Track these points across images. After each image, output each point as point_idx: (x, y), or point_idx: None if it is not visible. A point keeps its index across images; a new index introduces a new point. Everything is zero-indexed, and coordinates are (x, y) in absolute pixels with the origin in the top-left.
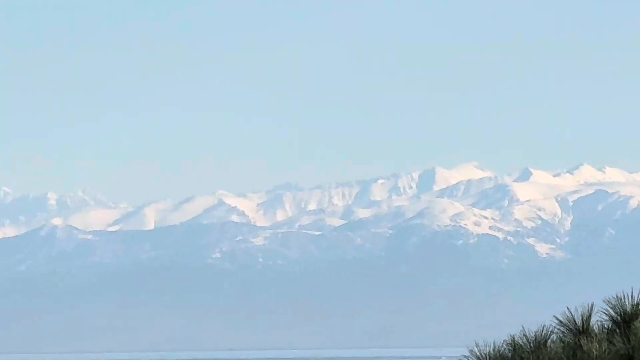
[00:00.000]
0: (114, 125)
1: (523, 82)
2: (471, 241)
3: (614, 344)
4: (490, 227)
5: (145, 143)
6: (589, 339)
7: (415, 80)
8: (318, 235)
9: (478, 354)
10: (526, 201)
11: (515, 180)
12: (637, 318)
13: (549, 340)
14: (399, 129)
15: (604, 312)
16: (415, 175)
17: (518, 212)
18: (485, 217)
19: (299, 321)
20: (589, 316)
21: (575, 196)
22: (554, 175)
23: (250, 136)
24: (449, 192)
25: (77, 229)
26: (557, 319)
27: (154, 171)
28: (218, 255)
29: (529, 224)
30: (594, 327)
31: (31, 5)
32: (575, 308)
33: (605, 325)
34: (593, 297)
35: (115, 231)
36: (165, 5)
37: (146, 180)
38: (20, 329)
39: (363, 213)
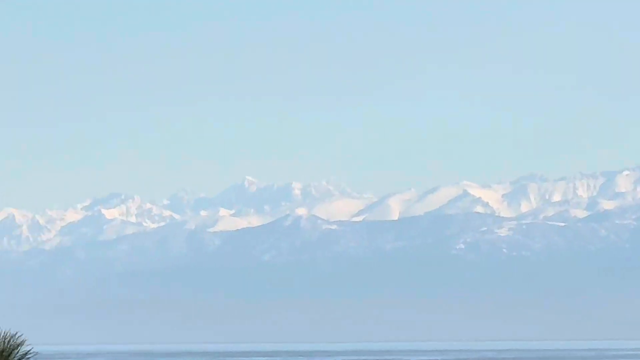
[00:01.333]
0: (358, 116)
1: None
2: None
3: None
4: None
5: (389, 134)
6: None
7: None
8: (563, 226)
9: None
10: None
11: None
12: None
13: None
14: None
15: None
16: None
17: None
18: None
19: (544, 313)
20: None
21: None
22: None
23: (494, 126)
24: None
25: (321, 218)
26: None
27: (397, 161)
28: (462, 246)
29: None
30: None
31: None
32: None
33: None
34: None
35: (360, 221)
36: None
37: (390, 170)
38: (263, 318)
39: (608, 204)
